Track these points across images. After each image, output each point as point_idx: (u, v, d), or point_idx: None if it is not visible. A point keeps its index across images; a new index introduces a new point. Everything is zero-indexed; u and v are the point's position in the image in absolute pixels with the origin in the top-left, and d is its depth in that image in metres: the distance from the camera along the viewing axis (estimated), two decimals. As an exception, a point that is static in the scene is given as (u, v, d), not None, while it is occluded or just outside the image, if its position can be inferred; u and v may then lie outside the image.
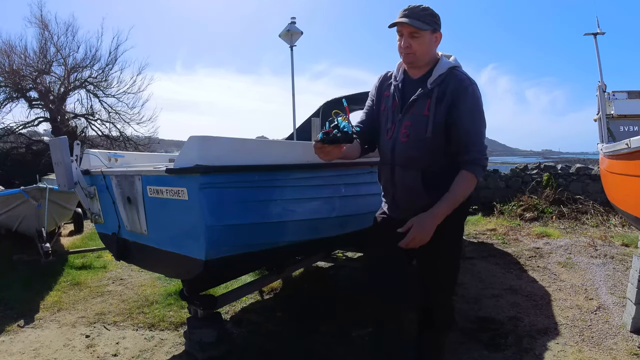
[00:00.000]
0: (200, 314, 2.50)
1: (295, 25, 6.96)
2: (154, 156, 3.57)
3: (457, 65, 1.85)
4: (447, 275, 1.96)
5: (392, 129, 1.91)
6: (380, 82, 2.05)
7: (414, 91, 1.84)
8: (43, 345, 2.83)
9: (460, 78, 1.79)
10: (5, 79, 12.62)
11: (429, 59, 1.86)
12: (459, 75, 1.80)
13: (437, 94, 1.79)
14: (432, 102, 1.79)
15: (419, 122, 1.82)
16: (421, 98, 1.82)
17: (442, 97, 1.78)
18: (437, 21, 1.81)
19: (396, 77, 1.96)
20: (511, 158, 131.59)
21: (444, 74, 1.80)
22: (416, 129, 1.82)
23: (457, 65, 1.86)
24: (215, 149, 1.88)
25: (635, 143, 2.44)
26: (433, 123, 1.79)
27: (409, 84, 1.91)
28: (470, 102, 1.76)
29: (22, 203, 4.74)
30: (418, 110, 1.82)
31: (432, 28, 1.80)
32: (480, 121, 1.79)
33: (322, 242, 2.66)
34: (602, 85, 6.60)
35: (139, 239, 2.39)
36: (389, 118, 1.94)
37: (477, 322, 2.96)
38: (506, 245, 5.32)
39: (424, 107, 1.81)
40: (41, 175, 7.79)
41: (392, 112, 1.92)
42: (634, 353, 2.48)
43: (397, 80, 1.94)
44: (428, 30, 1.79)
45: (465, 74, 1.82)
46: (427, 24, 1.77)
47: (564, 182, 7.42)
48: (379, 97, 2.03)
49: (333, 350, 2.62)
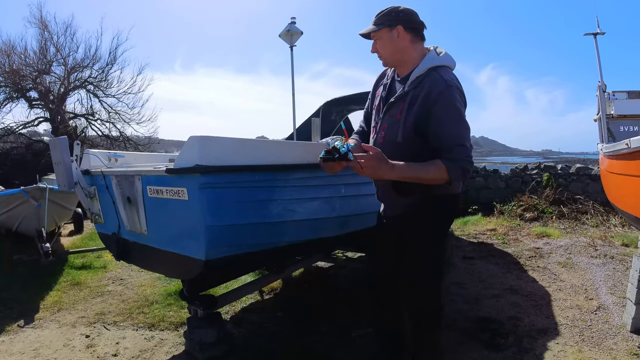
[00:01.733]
0: (200, 314, 2.51)
1: (295, 25, 6.96)
2: (154, 156, 3.57)
3: (439, 64, 1.80)
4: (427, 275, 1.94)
5: (375, 128, 1.96)
6: (377, 80, 2.09)
7: (397, 91, 1.86)
8: (43, 345, 2.83)
9: (436, 81, 1.73)
10: (5, 79, 12.61)
11: (406, 56, 1.85)
12: (435, 78, 1.74)
13: (411, 98, 1.77)
14: (405, 106, 1.78)
15: (392, 126, 1.83)
16: (398, 100, 1.82)
17: (415, 101, 1.75)
18: (394, 16, 1.80)
19: (389, 75, 1.98)
20: (511, 158, 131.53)
21: (422, 76, 1.77)
22: (390, 132, 1.84)
23: (440, 64, 1.80)
24: (215, 149, 1.88)
25: (635, 143, 2.44)
26: (403, 128, 1.78)
27: (396, 83, 1.92)
28: (444, 107, 1.70)
29: (22, 203, 4.74)
30: (394, 113, 1.83)
31: (385, 26, 1.80)
32: (458, 124, 1.72)
33: (322, 242, 2.66)
34: (602, 85, 6.60)
35: (139, 239, 2.39)
36: (374, 117, 1.98)
37: (477, 322, 2.96)
38: (506, 245, 5.32)
39: (398, 110, 1.81)
40: (41, 175, 7.78)
41: (377, 112, 1.96)
42: (634, 353, 2.48)
43: (387, 79, 1.96)
44: (383, 28, 1.80)
45: (443, 76, 1.75)
46: (379, 25, 1.80)
47: (564, 182, 7.41)
48: (374, 95, 2.07)
49: (333, 350, 2.62)
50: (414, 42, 1.84)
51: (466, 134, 1.73)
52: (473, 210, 7.35)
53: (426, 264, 1.93)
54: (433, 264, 1.97)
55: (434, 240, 1.96)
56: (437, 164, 1.68)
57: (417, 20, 1.84)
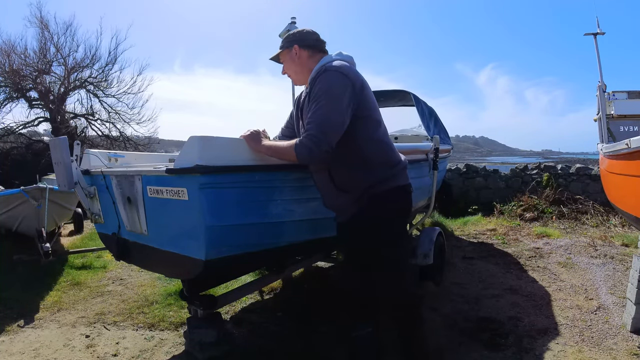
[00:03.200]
0: (200, 314, 2.50)
1: (296, 25, 6.95)
2: (154, 156, 3.57)
3: (331, 60, 1.88)
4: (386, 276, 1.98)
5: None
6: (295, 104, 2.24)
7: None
8: (43, 345, 2.83)
9: (316, 70, 1.85)
10: (5, 79, 12.60)
11: (306, 69, 2.00)
12: (316, 71, 1.85)
13: (308, 97, 1.89)
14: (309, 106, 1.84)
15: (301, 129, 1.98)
16: (305, 106, 1.94)
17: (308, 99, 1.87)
18: (290, 38, 1.99)
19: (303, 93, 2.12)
20: (511, 158, 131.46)
21: (314, 78, 1.85)
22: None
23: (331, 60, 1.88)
24: (216, 149, 1.88)
25: (635, 143, 2.44)
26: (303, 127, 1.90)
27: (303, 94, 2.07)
28: (318, 88, 1.76)
29: (22, 203, 4.74)
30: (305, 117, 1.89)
31: (284, 48, 2.00)
32: (319, 104, 1.74)
33: (322, 242, 2.66)
34: (602, 85, 6.60)
35: (139, 239, 2.39)
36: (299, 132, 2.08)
37: (477, 322, 2.96)
38: (506, 245, 5.32)
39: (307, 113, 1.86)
40: (41, 175, 7.78)
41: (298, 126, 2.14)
42: (634, 353, 2.48)
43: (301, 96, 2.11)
44: (283, 51, 2.01)
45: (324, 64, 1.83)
46: (281, 48, 2.02)
47: (564, 182, 7.42)
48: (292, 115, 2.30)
49: (333, 350, 2.62)
50: (313, 56, 2.00)
51: (327, 113, 1.72)
52: (473, 210, 7.35)
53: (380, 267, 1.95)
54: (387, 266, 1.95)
55: (384, 242, 1.91)
56: (292, 141, 1.78)
57: (312, 38, 2.01)
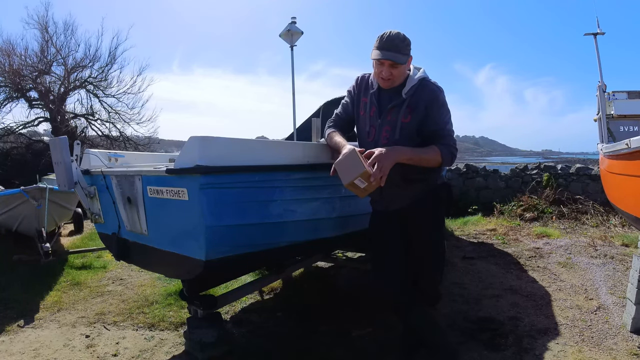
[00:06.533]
0: (200, 314, 2.51)
1: (296, 25, 6.95)
2: (154, 156, 3.57)
3: (425, 76, 2.15)
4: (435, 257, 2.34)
5: (372, 132, 2.18)
6: (359, 86, 2.28)
7: (389, 100, 2.13)
8: (43, 345, 2.83)
9: (431, 88, 2.10)
10: (5, 79, 12.61)
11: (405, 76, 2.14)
12: (429, 86, 2.10)
13: (410, 102, 2.08)
14: (407, 111, 2.08)
15: (395, 128, 2.10)
16: (397, 107, 2.10)
17: (416, 105, 2.07)
18: (410, 46, 2.07)
19: (372, 85, 2.20)
20: (511, 158, 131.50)
21: (415, 85, 2.09)
22: (393, 134, 2.10)
23: (426, 76, 2.15)
24: (216, 149, 1.88)
25: (635, 143, 2.44)
26: (408, 129, 2.08)
27: (384, 92, 2.17)
28: (438, 106, 2.08)
29: (22, 203, 4.73)
30: (395, 117, 2.10)
31: (409, 56, 2.06)
32: (449, 118, 2.13)
33: (322, 242, 2.66)
34: (602, 85, 6.59)
35: (139, 239, 2.39)
36: (368, 122, 2.20)
37: (477, 322, 2.96)
38: (506, 245, 5.32)
39: (399, 114, 2.09)
40: (41, 175, 7.77)
41: (371, 117, 2.19)
42: (634, 353, 2.48)
43: (373, 88, 2.19)
44: (408, 57, 2.07)
45: (433, 83, 2.13)
46: (406, 55, 2.04)
47: (564, 182, 7.41)
48: (358, 101, 2.28)
49: (333, 350, 2.62)
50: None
51: (452, 127, 2.16)
52: (473, 210, 7.34)
53: (433, 247, 2.28)
54: (438, 247, 2.37)
55: (435, 225, 2.32)
56: (434, 148, 2.04)
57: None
